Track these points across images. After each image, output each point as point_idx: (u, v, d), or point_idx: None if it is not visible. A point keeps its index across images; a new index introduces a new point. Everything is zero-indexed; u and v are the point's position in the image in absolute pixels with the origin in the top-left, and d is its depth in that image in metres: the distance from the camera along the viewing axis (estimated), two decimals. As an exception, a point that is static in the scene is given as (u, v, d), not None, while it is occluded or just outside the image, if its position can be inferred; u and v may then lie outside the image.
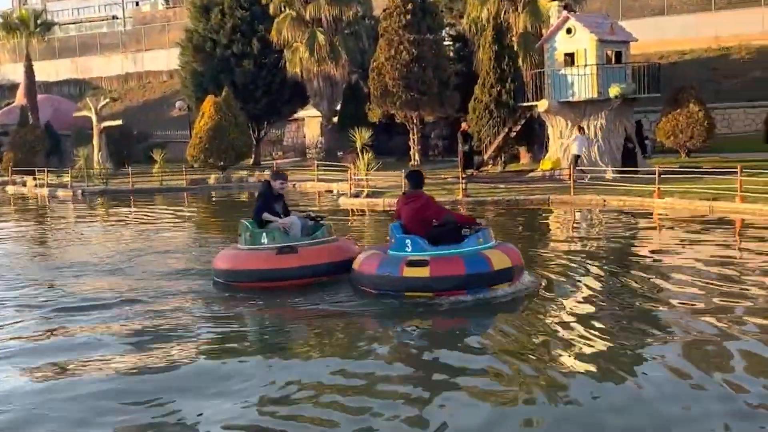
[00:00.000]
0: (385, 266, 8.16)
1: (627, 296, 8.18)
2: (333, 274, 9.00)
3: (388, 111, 25.99)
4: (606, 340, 6.57)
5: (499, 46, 25.22)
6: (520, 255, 8.50)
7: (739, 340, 6.37)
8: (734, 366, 5.74)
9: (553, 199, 18.37)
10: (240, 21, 33.53)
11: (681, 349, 6.21)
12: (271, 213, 9.38)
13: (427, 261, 7.94)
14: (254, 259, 9.06)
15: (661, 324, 7.01)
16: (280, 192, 9.67)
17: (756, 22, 33.26)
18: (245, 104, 32.80)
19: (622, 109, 22.05)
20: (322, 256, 9.02)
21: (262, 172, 29.75)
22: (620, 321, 7.22)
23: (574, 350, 6.34)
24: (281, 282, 8.88)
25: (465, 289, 7.90)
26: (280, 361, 6.35)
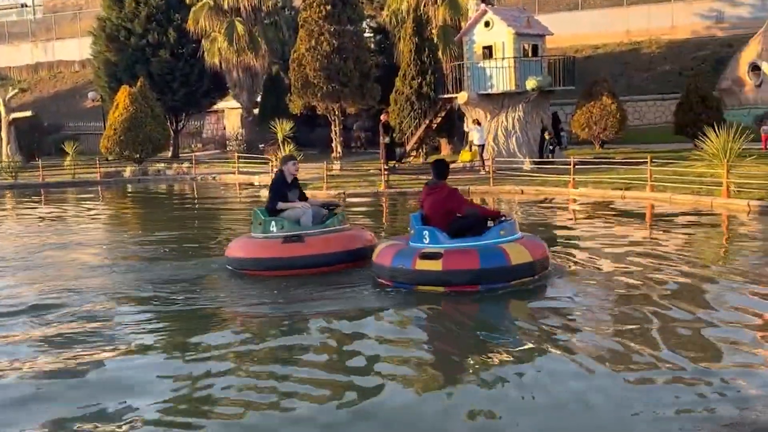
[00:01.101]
0: (400, 258, 7.91)
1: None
2: (343, 263, 8.88)
3: (309, 102, 25.78)
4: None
5: (419, 39, 25.38)
6: (545, 249, 8.18)
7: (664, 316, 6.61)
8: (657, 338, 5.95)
9: (473, 190, 18.63)
10: (155, 9, 32.64)
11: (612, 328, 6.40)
12: (284, 201, 9.24)
13: (440, 254, 7.67)
14: (261, 248, 9.02)
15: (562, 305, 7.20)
16: (293, 175, 9.47)
17: (665, 18, 34.55)
18: (162, 95, 31.99)
19: (539, 102, 22.54)
20: (330, 245, 8.88)
21: (180, 165, 29.12)
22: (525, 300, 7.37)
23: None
24: (289, 271, 8.79)
25: (479, 284, 7.61)
26: (190, 358, 6.22)
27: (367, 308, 7.45)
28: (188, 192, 23.87)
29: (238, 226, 15.39)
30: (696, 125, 20.13)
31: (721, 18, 33.55)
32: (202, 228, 14.82)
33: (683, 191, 15.13)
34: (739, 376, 5.23)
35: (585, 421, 4.69)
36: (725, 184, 14.03)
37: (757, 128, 23.06)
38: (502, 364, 5.71)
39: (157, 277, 9.30)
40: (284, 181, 9.38)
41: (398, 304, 7.51)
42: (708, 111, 22.10)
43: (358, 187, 20.22)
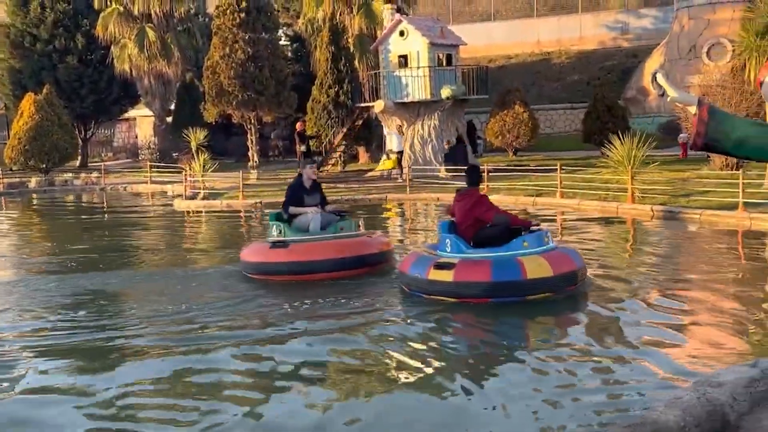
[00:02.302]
0: (417, 266, 7.73)
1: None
2: (331, 272, 8.76)
3: (224, 111, 25.37)
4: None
5: (335, 47, 25.38)
6: (575, 263, 7.66)
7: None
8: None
9: (390, 198, 18.73)
10: (62, 15, 31.55)
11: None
12: (300, 205, 9.20)
13: (453, 264, 7.41)
14: (253, 252, 9.20)
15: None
16: (312, 179, 9.42)
17: (574, 29, 35.71)
18: (70, 103, 30.92)
19: (454, 110, 22.88)
20: (316, 253, 8.80)
21: (89, 174, 28.15)
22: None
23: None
24: (275, 276, 8.88)
25: (490, 298, 7.30)
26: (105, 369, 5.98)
27: (374, 317, 7.29)
28: (97, 203, 23.09)
29: (147, 236, 14.99)
30: (603, 133, 20.83)
31: (626, 29, 34.92)
32: (109, 239, 14.34)
33: (591, 197, 15.61)
34: (643, 376, 5.39)
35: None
36: (630, 190, 14.54)
37: (661, 135, 24.06)
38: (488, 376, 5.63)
39: (73, 290, 8.95)
40: (301, 185, 9.38)
41: (407, 314, 7.38)
42: (614, 119, 22.91)
43: (275, 196, 19.99)
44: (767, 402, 4.14)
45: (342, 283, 8.59)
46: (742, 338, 6.30)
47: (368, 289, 8.41)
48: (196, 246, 13.37)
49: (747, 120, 3.83)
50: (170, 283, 9.33)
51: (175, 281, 9.41)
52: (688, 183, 15.77)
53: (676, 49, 28.14)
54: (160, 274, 10.08)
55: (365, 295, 8.14)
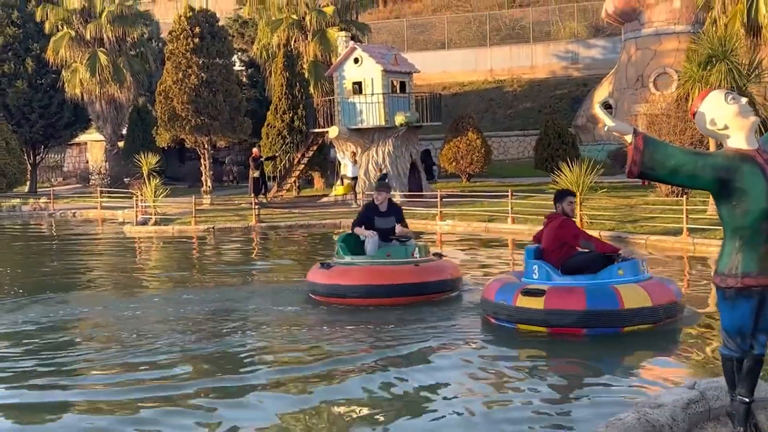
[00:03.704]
0: (503, 293, 7.33)
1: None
2: (371, 298, 8.57)
3: (177, 136, 25.17)
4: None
5: (290, 73, 25.46)
6: (674, 294, 7.21)
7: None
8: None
9: (345, 224, 18.71)
10: (12, 38, 31.05)
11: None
12: (370, 226, 9.05)
13: (543, 291, 6.99)
14: (311, 272, 9.29)
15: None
16: (382, 202, 9.20)
17: (526, 58, 36.44)
18: (19, 127, 30.37)
19: (408, 137, 23.08)
20: (357, 278, 8.63)
21: (37, 200, 27.57)
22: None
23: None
24: (319, 297, 9.00)
25: (584, 328, 6.88)
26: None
27: (450, 345, 7.01)
28: (45, 229, 22.60)
29: (95, 262, 14.71)
30: (554, 160, 21.22)
31: (576, 59, 35.76)
32: (56, 266, 14.03)
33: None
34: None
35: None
36: (578, 216, 14.81)
37: (610, 162, 24.60)
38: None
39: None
40: (372, 207, 9.27)
41: (491, 343, 7.12)
42: (565, 146, 23.35)
43: (228, 221, 19.86)
44: (705, 423, 4.24)
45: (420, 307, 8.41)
46: (681, 360, 6.43)
47: (441, 315, 8.19)
48: (146, 271, 13.17)
49: (682, 148, 3.96)
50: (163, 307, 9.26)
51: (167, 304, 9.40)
52: (635, 209, 16.13)
53: (624, 79, 28.91)
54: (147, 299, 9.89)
55: (437, 324, 7.85)
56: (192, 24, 24.19)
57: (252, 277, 12.08)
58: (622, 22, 29.15)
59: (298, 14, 26.70)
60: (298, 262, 13.74)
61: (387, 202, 9.30)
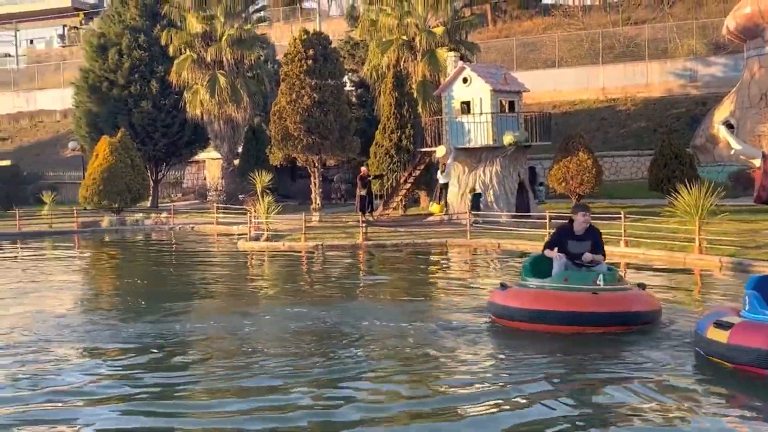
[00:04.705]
0: (703, 322, 7.13)
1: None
2: (540, 323, 8.24)
3: (289, 154, 25.94)
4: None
5: (399, 93, 25.76)
6: None
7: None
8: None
9: (450, 243, 18.70)
10: (138, 61, 32.93)
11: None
12: (562, 249, 8.65)
13: (731, 324, 6.64)
14: (490, 293, 9.24)
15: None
16: (583, 226, 8.68)
17: (640, 76, 35.38)
18: (143, 145, 32.08)
19: (516, 156, 22.83)
20: (523, 301, 8.38)
21: (158, 214, 29.03)
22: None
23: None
24: (497, 319, 8.83)
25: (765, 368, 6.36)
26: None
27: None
28: (165, 242, 23.74)
29: (210, 275, 15.31)
30: (670, 181, 20.43)
31: (694, 77, 34.41)
32: (176, 277, 14.71)
33: (657, 247, 15.26)
34: None
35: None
36: (697, 241, 14.18)
37: (731, 185, 23.44)
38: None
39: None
40: (567, 229, 8.81)
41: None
42: (682, 167, 22.45)
43: (336, 239, 20.23)
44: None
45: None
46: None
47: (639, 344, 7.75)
48: (258, 286, 13.60)
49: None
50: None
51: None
52: (758, 234, 15.29)
53: (747, 98, 27.56)
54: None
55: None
56: (306, 46, 24.94)
57: (360, 294, 12.25)
58: (745, 39, 27.86)
59: (408, 35, 27.02)
60: (404, 280, 13.83)
61: (585, 225, 8.71)
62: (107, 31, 34.03)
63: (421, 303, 10.97)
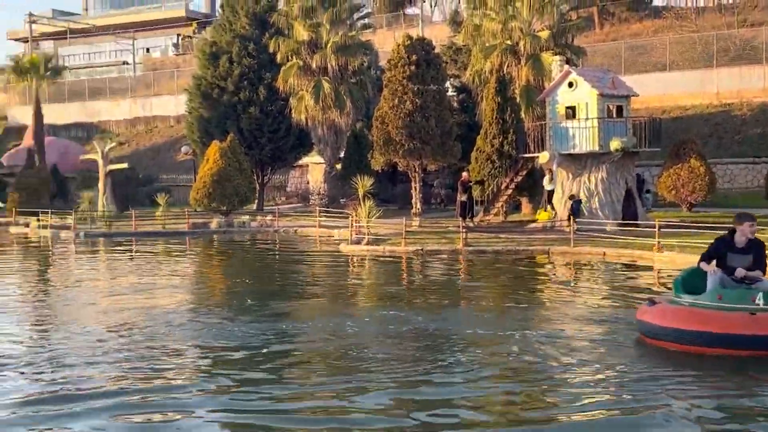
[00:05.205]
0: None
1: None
2: (686, 343, 7.71)
3: (390, 159, 26.15)
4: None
5: (501, 98, 25.49)
6: None
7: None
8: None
9: (553, 251, 18.35)
10: (247, 69, 34.00)
11: None
12: (721, 263, 7.97)
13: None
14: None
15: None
16: (749, 237, 7.92)
17: (757, 80, 33.63)
18: (250, 150, 33.08)
19: (623, 163, 22.15)
20: (668, 319, 7.85)
21: (264, 217, 29.87)
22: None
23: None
24: (643, 336, 8.32)
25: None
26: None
27: None
28: (270, 244, 24.40)
29: (313, 276, 15.62)
30: (790, 190, 19.31)
31: (818, 80, 32.41)
32: (280, 279, 15.09)
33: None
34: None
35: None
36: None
37: None
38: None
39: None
40: (727, 241, 8.05)
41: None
42: (803, 175, 21.20)
43: (436, 243, 20.23)
44: None
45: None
46: None
47: None
48: (360, 288, 13.77)
49: None
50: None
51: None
52: None
53: None
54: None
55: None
56: (409, 52, 25.09)
57: (461, 300, 12.21)
58: None
59: (512, 40, 26.72)
60: (506, 287, 13.68)
61: (750, 237, 7.95)
62: (219, 39, 35.34)
63: (524, 311, 10.82)
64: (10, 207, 35.38)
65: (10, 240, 28.16)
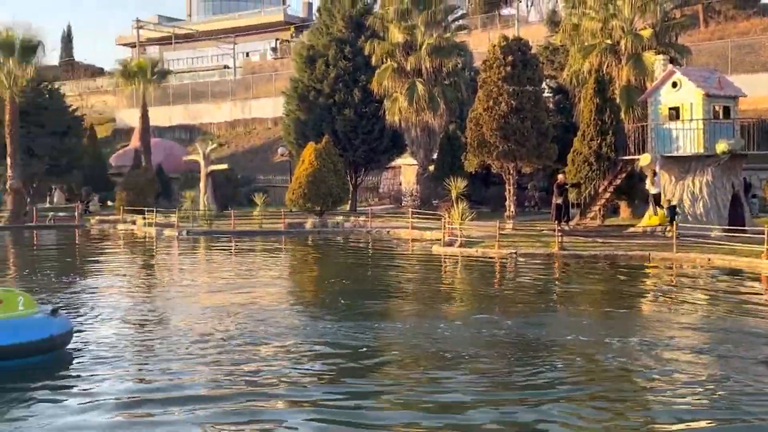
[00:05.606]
0: None
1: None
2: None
3: (484, 161, 25.92)
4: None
5: (600, 99, 24.85)
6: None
7: None
8: None
9: (654, 256, 17.73)
10: (343, 71, 34.45)
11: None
12: None
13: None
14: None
15: None
16: None
17: None
18: (344, 152, 33.49)
19: (730, 166, 21.19)
20: None
21: (357, 218, 30.19)
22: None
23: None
24: None
25: None
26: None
27: None
28: (363, 244, 24.63)
29: (405, 277, 15.66)
30: None
31: None
32: (373, 280, 15.21)
33: None
34: None
35: None
36: None
37: None
38: None
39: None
40: None
41: None
42: None
43: (531, 247, 19.92)
44: None
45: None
46: None
47: None
48: (452, 291, 13.71)
49: None
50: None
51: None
52: None
53: None
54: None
55: None
56: (505, 53, 24.82)
57: (557, 305, 11.96)
58: None
59: (613, 39, 26.00)
60: (603, 293, 13.32)
61: None
62: (315, 43, 35.96)
63: (623, 318, 10.50)
64: (118, 205, 37.11)
65: (118, 237, 29.56)
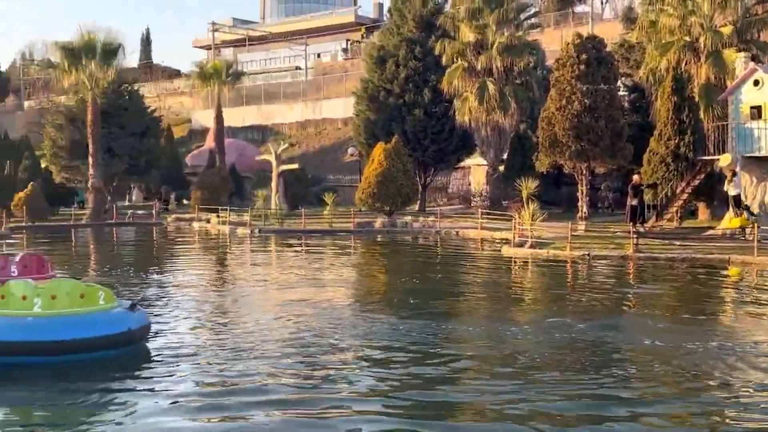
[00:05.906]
0: None
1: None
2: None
3: (556, 161, 25.51)
4: None
5: (678, 97, 24.13)
6: None
7: None
8: None
9: (735, 260, 17.11)
10: (413, 71, 34.49)
11: None
12: None
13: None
14: None
15: None
16: None
17: None
18: (413, 152, 33.51)
19: (817, 166, 20.29)
20: None
21: (426, 218, 30.16)
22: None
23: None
24: None
25: None
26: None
27: None
28: (431, 244, 24.58)
29: (474, 278, 15.56)
30: None
31: None
32: (442, 280, 15.17)
33: None
34: None
35: None
36: None
37: None
38: None
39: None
40: None
41: None
42: None
43: (604, 249, 19.50)
44: None
45: None
46: None
47: None
48: (523, 293, 13.55)
49: None
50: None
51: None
52: None
53: None
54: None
55: None
56: (579, 51, 24.39)
57: (631, 309, 11.68)
58: None
59: (691, 36, 25.22)
60: (681, 297, 12.93)
61: None
62: (386, 43, 36.11)
63: (702, 324, 10.17)
64: (193, 204, 38.13)
65: (193, 234, 30.35)
